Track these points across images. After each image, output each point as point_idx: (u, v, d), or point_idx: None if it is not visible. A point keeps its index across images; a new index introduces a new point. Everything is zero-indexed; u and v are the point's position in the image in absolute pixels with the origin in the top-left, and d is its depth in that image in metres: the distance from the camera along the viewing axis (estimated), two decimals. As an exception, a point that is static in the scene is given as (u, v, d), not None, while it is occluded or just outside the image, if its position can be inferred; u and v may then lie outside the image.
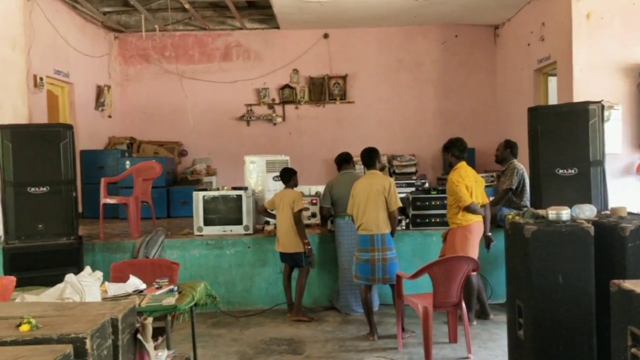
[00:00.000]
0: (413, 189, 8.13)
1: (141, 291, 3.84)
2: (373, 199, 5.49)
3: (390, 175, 10.27)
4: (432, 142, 10.68)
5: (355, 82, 10.96)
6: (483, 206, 5.69)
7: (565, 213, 3.32)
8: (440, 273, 4.73)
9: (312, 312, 6.40)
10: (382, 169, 10.27)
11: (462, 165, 5.77)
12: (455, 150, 5.80)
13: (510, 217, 3.62)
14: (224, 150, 10.72)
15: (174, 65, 10.98)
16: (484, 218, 5.72)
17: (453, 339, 5.24)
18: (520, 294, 3.39)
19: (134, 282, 3.96)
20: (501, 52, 10.61)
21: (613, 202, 5.84)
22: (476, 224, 5.65)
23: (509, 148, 6.80)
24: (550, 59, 8.24)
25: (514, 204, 6.50)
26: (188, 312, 3.83)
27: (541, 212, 3.48)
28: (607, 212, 3.67)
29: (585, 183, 5.75)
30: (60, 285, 2.80)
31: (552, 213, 3.36)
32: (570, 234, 3.19)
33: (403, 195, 6.84)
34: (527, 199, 6.60)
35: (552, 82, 9.06)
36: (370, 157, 5.77)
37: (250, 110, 10.97)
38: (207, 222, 6.75)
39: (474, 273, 5.21)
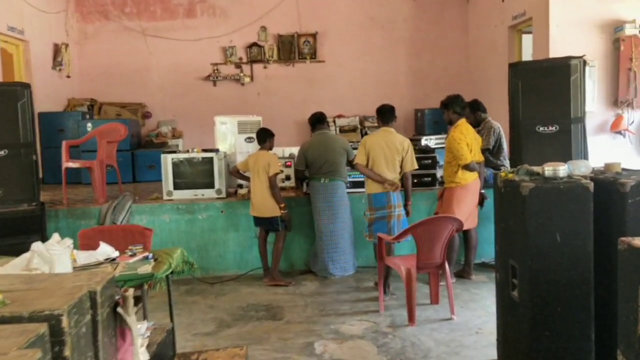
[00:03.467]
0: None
1: (114, 259, 3.59)
2: (391, 156, 5.43)
3: (362, 136, 10.09)
4: (404, 103, 10.45)
5: (325, 41, 10.64)
6: (478, 164, 5.60)
7: (562, 169, 3.19)
8: (423, 234, 4.60)
9: (289, 276, 6.25)
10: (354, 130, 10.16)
11: (463, 122, 5.65)
12: (457, 107, 5.67)
13: (503, 174, 3.47)
14: (190, 112, 10.34)
15: (136, 22, 10.47)
16: (479, 176, 5.64)
17: (435, 300, 5.16)
18: (515, 253, 3.27)
19: (105, 250, 3.69)
20: (474, 9, 10.42)
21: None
22: (474, 183, 5.58)
23: (477, 109, 6.59)
24: (526, 15, 8.09)
25: (491, 164, 6.39)
26: (164, 281, 3.60)
27: (536, 168, 3.34)
28: (601, 168, 3.56)
29: (566, 140, 5.67)
30: (26, 255, 2.54)
31: (548, 169, 3.22)
32: (568, 191, 3.06)
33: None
34: (504, 158, 6.52)
35: (526, 39, 8.95)
36: (389, 112, 5.64)
37: (217, 69, 10.56)
38: (177, 186, 6.47)
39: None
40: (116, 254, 3.66)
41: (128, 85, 10.44)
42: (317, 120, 6.30)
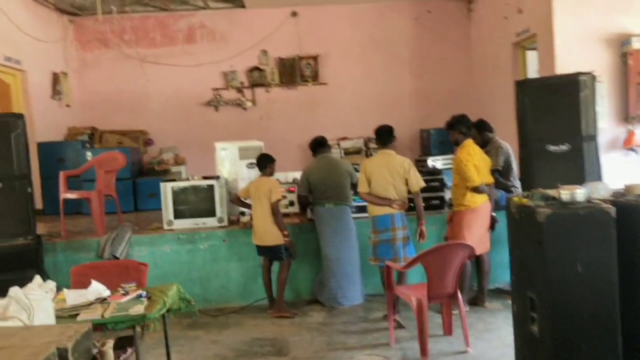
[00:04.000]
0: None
1: (105, 299, 3.39)
2: (392, 180, 5.25)
3: (367, 158, 9.91)
4: (408, 124, 10.29)
5: (327, 63, 10.51)
6: (488, 185, 5.39)
7: (580, 193, 2.98)
8: (434, 262, 4.37)
9: (295, 306, 6.02)
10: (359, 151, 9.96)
11: (469, 143, 5.46)
12: (463, 127, 5.48)
13: (516, 199, 3.26)
14: (192, 138, 10.18)
15: (135, 50, 10.39)
16: (489, 198, 5.43)
17: (448, 331, 4.91)
18: (533, 285, 3.04)
19: (96, 288, 3.50)
20: (476, 27, 10.29)
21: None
22: (484, 205, 5.38)
23: (484, 129, 6.38)
24: (530, 32, 7.93)
25: (501, 185, 6.15)
26: (160, 320, 3.40)
27: (552, 192, 3.14)
28: (621, 190, 3.35)
29: (578, 159, 5.46)
30: (2, 302, 2.34)
31: (565, 193, 3.01)
32: (589, 217, 2.84)
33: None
34: (514, 178, 6.30)
35: (530, 56, 8.80)
36: (387, 134, 5.46)
37: (218, 94, 10.45)
38: (178, 215, 6.27)
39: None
40: (107, 292, 3.47)
41: (129, 112, 10.32)
42: (318, 144, 6.12)
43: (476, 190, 5.27)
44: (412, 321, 5.19)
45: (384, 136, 5.46)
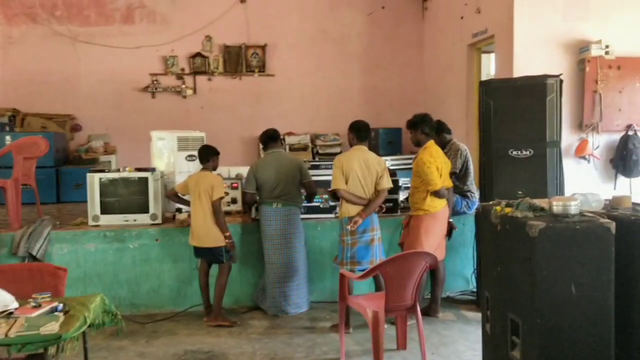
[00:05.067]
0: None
1: (11, 312, 2.78)
2: (370, 177, 4.93)
3: (314, 156, 9.54)
4: (356, 121, 9.91)
5: (275, 53, 10.01)
6: (447, 189, 5.09)
7: (574, 205, 2.64)
8: (394, 273, 3.97)
9: (234, 314, 5.50)
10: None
11: (431, 144, 5.10)
12: (426, 127, 5.11)
13: (498, 209, 2.90)
14: (125, 126, 9.42)
15: (66, 27, 9.56)
16: (448, 203, 5.11)
17: (402, 344, 4.54)
18: (516, 306, 2.68)
19: (2, 299, 2.88)
20: (430, 26, 10.04)
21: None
22: (443, 211, 5.06)
23: (442, 131, 6.06)
24: (487, 33, 7.72)
25: (457, 189, 5.85)
26: (79, 339, 2.81)
27: (540, 202, 2.79)
28: (607, 202, 3.05)
29: (541, 165, 5.26)
30: None
31: (557, 205, 2.67)
32: (586, 232, 2.50)
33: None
34: (470, 183, 6.01)
35: (485, 59, 8.63)
36: (365, 129, 5.14)
37: (156, 80, 9.75)
38: (105, 209, 5.62)
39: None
40: (15, 304, 2.85)
41: (56, 95, 9.48)
42: (270, 138, 5.61)
43: (437, 194, 4.94)
44: (362, 333, 4.81)
45: (363, 131, 5.11)
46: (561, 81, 5.36)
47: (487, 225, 3.05)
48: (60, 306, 2.82)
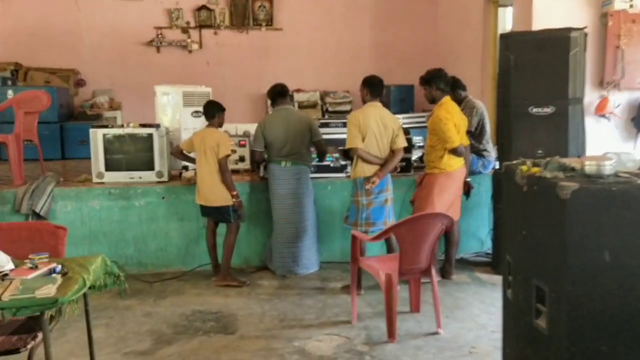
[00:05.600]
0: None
1: (6, 274, 2.64)
2: (386, 135, 4.74)
3: (323, 113, 9.30)
4: (367, 78, 9.62)
5: (283, 6, 9.66)
6: (465, 148, 4.93)
7: (609, 165, 2.44)
8: (408, 235, 3.81)
9: (243, 274, 5.39)
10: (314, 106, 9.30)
11: (448, 100, 4.89)
12: (440, 83, 4.89)
13: (524, 168, 2.69)
14: (130, 81, 9.18)
15: (68, -23, 9.18)
16: (465, 162, 4.95)
17: (415, 307, 4.41)
18: (544, 273, 2.51)
19: (-3, 259, 2.74)
20: (445, -23, 9.64)
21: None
22: (460, 170, 4.89)
23: (457, 87, 5.81)
24: (506, -15, 7.36)
25: (473, 148, 5.62)
26: (79, 300, 2.69)
27: (571, 162, 2.59)
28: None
29: (562, 124, 5.01)
30: None
31: (589, 164, 2.46)
32: (623, 194, 2.30)
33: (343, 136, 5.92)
34: (486, 142, 5.80)
35: (501, 13, 8.28)
36: (380, 85, 4.92)
37: (161, 34, 9.45)
38: (110, 166, 5.46)
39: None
40: (10, 265, 2.71)
41: (59, 49, 9.22)
42: (279, 94, 5.38)
43: (455, 152, 4.75)
44: (374, 294, 4.69)
45: (377, 87, 4.88)
46: (585, 35, 5.08)
47: (512, 185, 2.85)
48: (59, 268, 2.68)
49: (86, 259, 2.84)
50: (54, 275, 2.60)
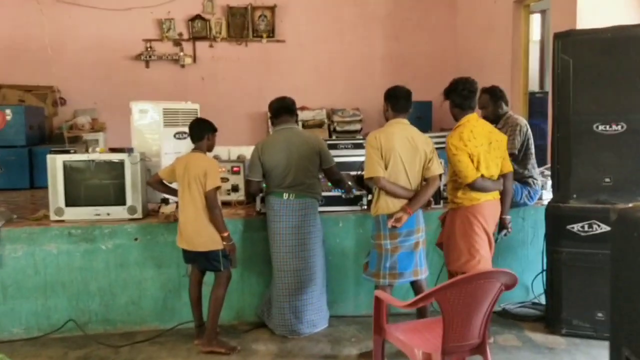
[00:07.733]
0: (363, 151, 6.13)
1: None
2: (417, 159, 3.79)
3: (330, 133, 8.43)
4: (379, 94, 8.53)
5: (286, 16, 9.12)
6: (503, 176, 3.93)
7: None
8: (456, 301, 2.75)
9: (233, 334, 4.34)
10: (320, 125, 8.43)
11: (468, 122, 3.86)
12: (455, 97, 3.88)
13: (633, 207, 1.67)
14: (115, 100, 8.30)
15: (48, -14, 8.47)
16: (502, 193, 3.96)
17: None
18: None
19: None
20: (465, -17, 8.83)
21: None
22: (486, 204, 3.85)
23: (498, 99, 4.84)
24: (542, -15, 6.44)
25: (516, 174, 4.58)
26: None
27: None
28: None
29: (636, 144, 3.99)
30: None
31: None
32: None
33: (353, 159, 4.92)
34: (532, 167, 4.78)
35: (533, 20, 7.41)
36: (406, 98, 3.98)
37: (150, 47, 8.90)
38: (72, 201, 4.44)
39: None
40: None
41: (37, 64, 8.45)
42: (283, 109, 4.39)
43: (472, 187, 3.76)
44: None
45: (403, 99, 3.95)
46: (664, 32, 4.07)
47: (631, 238, 1.83)
48: None
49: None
50: None
